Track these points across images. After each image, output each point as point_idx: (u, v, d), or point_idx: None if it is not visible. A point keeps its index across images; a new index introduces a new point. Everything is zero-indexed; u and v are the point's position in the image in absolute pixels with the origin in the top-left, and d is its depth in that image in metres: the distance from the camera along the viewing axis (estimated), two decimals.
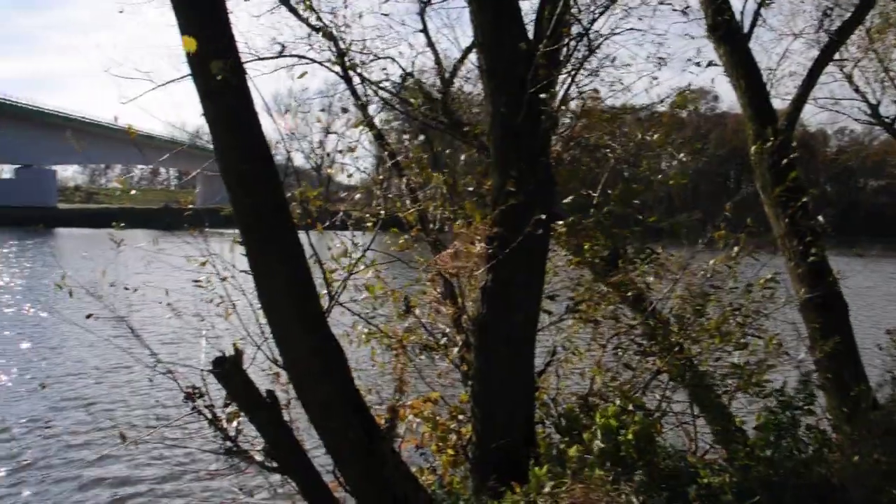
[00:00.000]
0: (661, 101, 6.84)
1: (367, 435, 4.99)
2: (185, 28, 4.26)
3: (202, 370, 4.82)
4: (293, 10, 8.68)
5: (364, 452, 4.93)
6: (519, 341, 5.38)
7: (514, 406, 5.46)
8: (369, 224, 5.94)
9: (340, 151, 6.52)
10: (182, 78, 6.23)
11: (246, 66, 4.75)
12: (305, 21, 8.72)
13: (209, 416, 4.95)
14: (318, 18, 8.66)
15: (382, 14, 9.40)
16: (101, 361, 16.80)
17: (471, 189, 6.39)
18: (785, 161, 7.64)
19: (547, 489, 4.64)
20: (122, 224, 5.71)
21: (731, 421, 6.46)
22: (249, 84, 4.51)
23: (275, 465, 5.10)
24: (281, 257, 4.57)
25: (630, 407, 5.64)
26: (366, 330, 6.10)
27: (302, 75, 7.33)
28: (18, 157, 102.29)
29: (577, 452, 5.02)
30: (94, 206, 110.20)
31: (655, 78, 6.41)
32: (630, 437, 4.92)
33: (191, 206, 5.98)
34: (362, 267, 5.52)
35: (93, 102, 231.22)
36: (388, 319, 6.20)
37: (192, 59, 4.21)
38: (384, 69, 9.11)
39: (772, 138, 7.78)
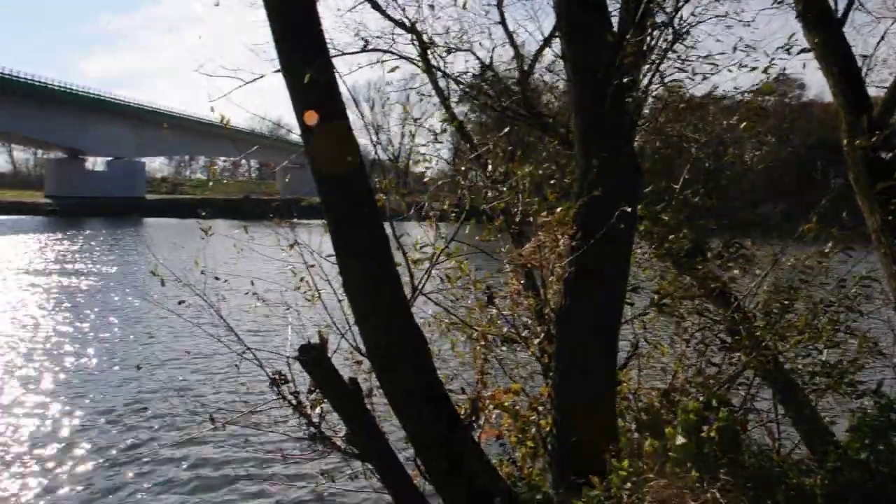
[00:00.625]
0: (749, 91, 6.64)
1: (448, 424, 5.02)
2: (276, 26, 4.36)
3: (288, 357, 4.94)
4: (376, 6, 8.76)
5: (444, 442, 4.96)
6: (601, 334, 5.31)
7: (595, 399, 5.40)
8: (452, 215, 5.96)
9: (426, 144, 6.57)
10: (269, 74, 6.37)
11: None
12: (388, 16, 8.80)
13: (294, 402, 5.07)
14: (403, 13, 8.73)
15: (461, 7, 9.38)
16: (192, 347, 17.40)
17: (553, 181, 6.34)
18: (883, 153, 7.30)
19: (628, 485, 4.58)
20: (207, 213, 5.91)
21: (819, 421, 6.24)
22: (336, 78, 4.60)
23: (356, 451, 5.19)
24: (366, 246, 4.63)
25: (714, 403, 5.50)
26: (448, 320, 6.13)
27: (393, 70, 7.41)
28: (110, 150, 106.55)
29: (656, 448, 4.94)
30: (179, 196, 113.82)
31: (744, 66, 6.23)
32: (713, 434, 4.80)
33: (273, 196, 6.11)
34: (445, 258, 5.55)
35: (171, 97, 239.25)
36: (469, 310, 6.22)
37: (283, 56, 4.31)
38: (466, 61, 9.12)
39: (867, 128, 7.44)
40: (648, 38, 5.63)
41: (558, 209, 5.71)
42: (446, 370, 5.86)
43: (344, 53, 7.61)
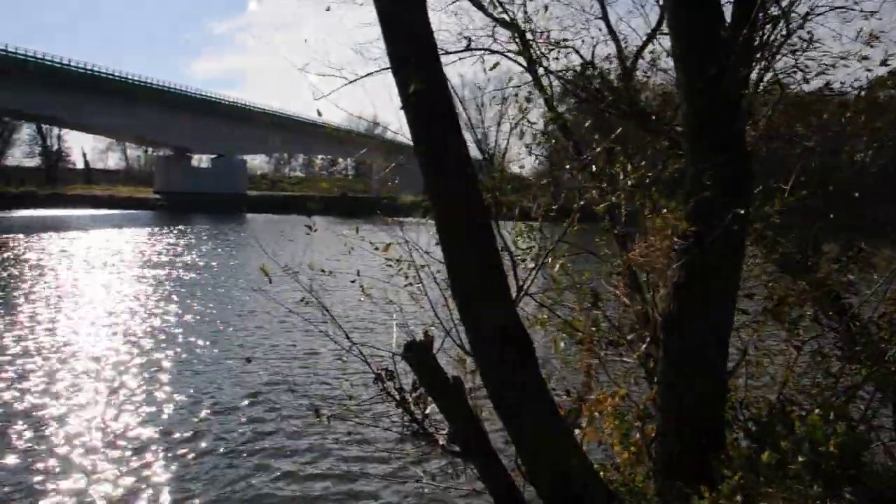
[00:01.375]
0: (864, 87, 6.28)
1: (551, 426, 4.96)
2: (387, 26, 4.41)
3: (393, 354, 4.98)
4: (476, 3, 8.74)
5: (546, 443, 4.91)
6: (711, 340, 5.15)
7: (703, 407, 5.24)
8: (548, 215, 5.88)
9: (529, 145, 6.52)
10: (375, 73, 6.45)
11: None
12: (489, 13, 8.76)
13: (397, 398, 5.11)
14: (503, 10, 8.68)
15: (563, 3, 9.27)
16: (298, 342, 17.94)
17: (661, 181, 6.18)
18: None
19: (739, 497, 4.43)
20: (312, 209, 6.04)
21: None
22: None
23: (458, 450, 5.19)
24: (473, 245, 4.62)
25: (832, 416, 5.24)
26: (552, 321, 6.07)
27: (494, 66, 7.38)
28: (214, 148, 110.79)
29: (771, 460, 4.74)
30: (278, 193, 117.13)
31: (865, 58, 5.90)
32: (833, 449, 4.57)
33: (366, 194, 6.20)
34: (550, 259, 5.49)
35: (271, 96, 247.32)
36: (573, 312, 6.14)
37: (394, 56, 4.35)
38: (566, 58, 8.99)
39: None
40: (762, 33, 5.42)
41: (665, 210, 5.57)
42: (549, 371, 5.80)
43: (448, 52, 7.61)
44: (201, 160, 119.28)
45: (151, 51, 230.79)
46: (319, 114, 5.83)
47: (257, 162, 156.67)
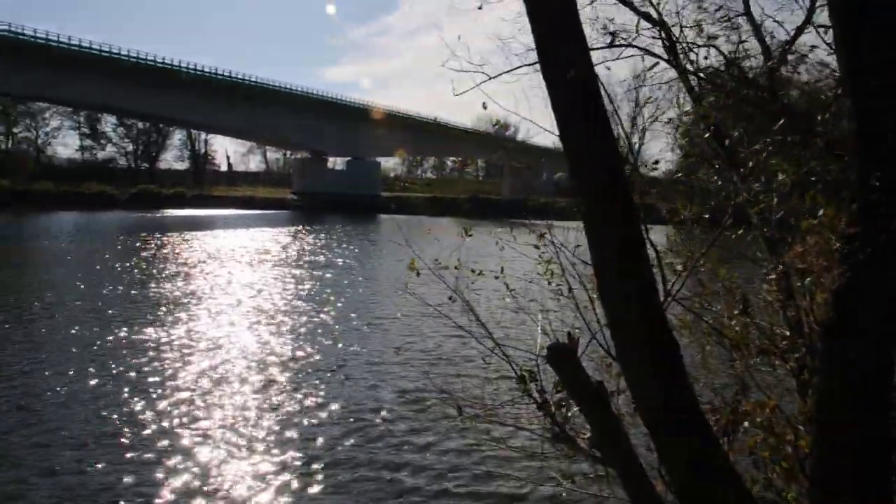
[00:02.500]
0: None
1: (699, 436, 4.80)
2: (537, 24, 4.41)
3: (537, 355, 4.97)
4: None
5: (694, 453, 4.75)
6: (876, 351, 4.83)
7: (868, 424, 4.92)
8: (705, 217, 5.69)
9: (677, 145, 6.34)
10: (515, 69, 6.44)
11: None
12: (635, 9, 8.59)
13: (539, 400, 5.10)
14: (651, 4, 8.48)
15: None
16: (441, 340, 18.27)
17: (820, 182, 5.86)
18: None
19: None
20: (465, 205, 6.10)
21: None
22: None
23: (599, 455, 5.12)
24: (621, 246, 4.54)
25: None
26: (698, 326, 5.88)
27: (652, 66, 7.26)
28: (349, 151, 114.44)
29: None
30: (411, 194, 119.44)
31: None
32: None
33: (497, 196, 6.21)
34: (700, 263, 5.32)
35: (405, 100, 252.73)
36: (721, 318, 5.92)
37: (544, 55, 4.35)
38: (709, 53, 8.70)
39: None
40: None
41: (821, 212, 5.28)
42: (694, 378, 5.62)
43: (592, 49, 7.52)
44: (336, 162, 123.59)
45: (291, 57, 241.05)
46: (453, 117, 5.92)
47: (390, 164, 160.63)
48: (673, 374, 4.69)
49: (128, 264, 35.84)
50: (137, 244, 47.33)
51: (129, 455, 10.71)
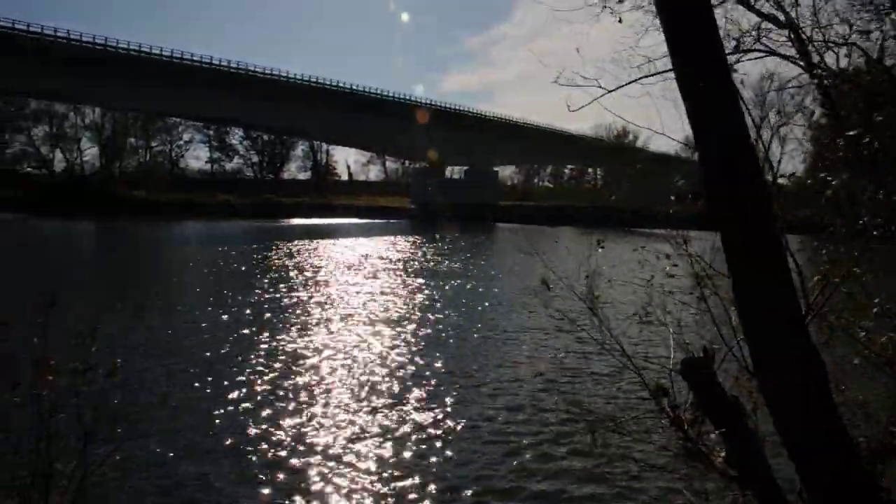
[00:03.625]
0: None
1: (844, 459, 4.55)
2: (671, 30, 4.34)
3: (670, 370, 4.86)
4: (745, 2, 8.33)
5: (842, 478, 4.51)
6: None
7: None
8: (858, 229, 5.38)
9: (809, 152, 6.06)
10: (635, 81, 6.35)
11: None
12: (760, 12, 8.30)
13: (671, 415, 4.98)
14: (780, 7, 8.18)
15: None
16: (568, 351, 18.10)
17: None
18: None
19: None
20: (589, 214, 6.04)
21: None
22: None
23: (735, 473, 4.94)
24: (761, 258, 4.38)
25: None
26: (842, 342, 5.58)
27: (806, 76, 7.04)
28: (467, 160, 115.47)
29: None
30: (528, 203, 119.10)
31: None
32: None
33: (617, 205, 6.09)
34: (845, 276, 5.05)
35: (519, 108, 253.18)
36: (868, 334, 5.59)
37: (678, 59, 4.27)
38: (844, 57, 8.32)
39: None
40: None
41: None
42: (840, 401, 5.32)
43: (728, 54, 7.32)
44: (454, 171, 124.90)
45: (405, 68, 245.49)
46: (569, 125, 5.88)
47: (507, 173, 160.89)
48: (816, 391, 4.48)
49: (248, 272, 37.40)
50: (256, 252, 49.27)
51: (256, 460, 11.11)
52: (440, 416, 13.24)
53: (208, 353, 18.16)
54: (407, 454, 11.35)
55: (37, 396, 5.18)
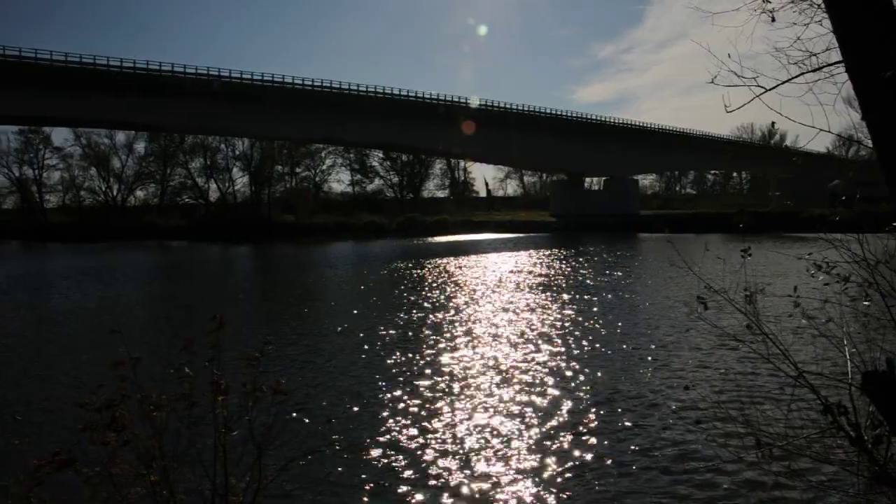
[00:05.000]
0: None
1: None
2: (843, 22, 4.09)
3: (848, 384, 4.53)
4: None
5: None
6: None
7: None
8: None
9: None
10: (795, 77, 6.00)
11: None
12: None
13: (852, 434, 4.62)
14: None
15: None
16: (732, 366, 17.42)
17: None
18: None
19: None
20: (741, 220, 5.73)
21: None
22: None
23: None
24: None
25: None
26: None
27: None
28: (606, 170, 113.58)
29: None
30: (671, 211, 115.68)
31: None
32: None
33: (766, 209, 5.70)
34: None
35: (655, 115, 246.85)
36: None
37: (851, 51, 4.01)
38: None
39: None
40: None
41: None
42: None
43: None
44: (593, 182, 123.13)
45: (539, 81, 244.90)
46: (708, 129, 5.57)
47: (648, 182, 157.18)
48: None
49: (403, 289, 38.24)
50: (407, 270, 50.38)
51: (422, 475, 11.30)
52: (616, 440, 12.90)
53: (371, 370, 18.73)
54: (591, 477, 11.15)
55: (213, 414, 5.52)
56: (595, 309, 28.75)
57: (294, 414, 13.82)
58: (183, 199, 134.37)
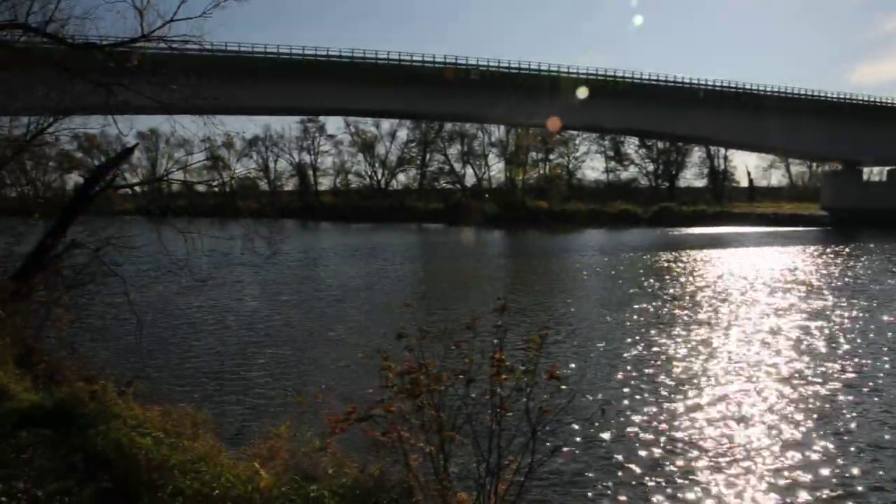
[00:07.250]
0: None
1: None
2: None
3: None
4: None
5: None
6: None
7: None
8: None
9: None
10: None
11: None
12: None
13: None
14: None
15: None
16: None
17: None
18: None
19: None
20: None
21: None
22: None
23: None
24: None
25: None
26: None
27: None
28: (890, 159, 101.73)
29: None
30: None
31: None
32: None
33: None
34: None
35: None
36: None
37: None
38: None
39: None
40: None
41: None
42: None
43: None
44: (872, 172, 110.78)
45: (808, 59, 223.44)
46: None
47: None
48: None
49: (652, 280, 37.28)
50: (660, 261, 48.96)
51: (700, 474, 11.06)
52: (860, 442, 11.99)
53: (651, 364, 18.56)
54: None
55: (491, 396, 5.73)
56: (860, 319, 25.91)
57: (566, 400, 14.03)
58: (441, 184, 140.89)
